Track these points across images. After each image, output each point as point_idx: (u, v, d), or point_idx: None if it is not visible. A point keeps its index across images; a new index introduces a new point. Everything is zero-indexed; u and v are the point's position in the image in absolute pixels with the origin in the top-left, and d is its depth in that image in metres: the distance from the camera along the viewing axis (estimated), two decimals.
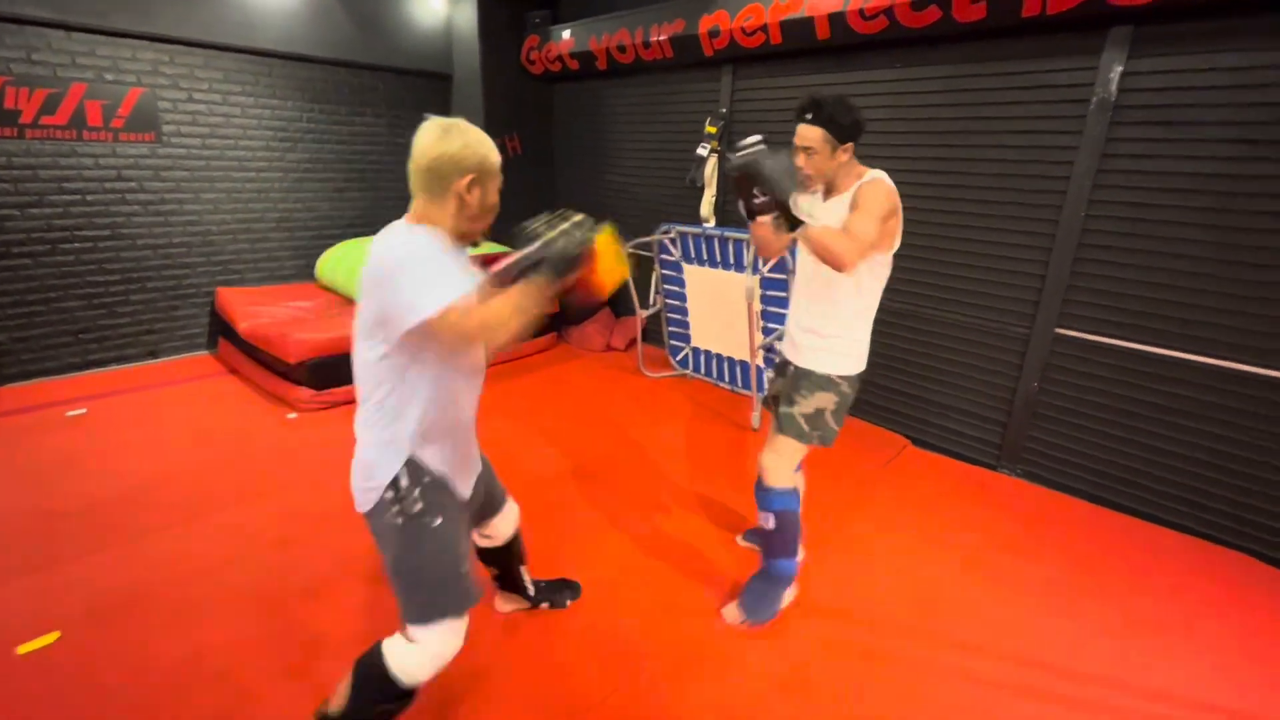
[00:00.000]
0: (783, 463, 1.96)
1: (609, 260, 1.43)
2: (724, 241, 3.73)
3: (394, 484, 1.34)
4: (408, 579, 1.38)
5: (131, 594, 2.07)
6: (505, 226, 1.52)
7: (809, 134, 1.75)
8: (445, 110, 5.33)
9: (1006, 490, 3.01)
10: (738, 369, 4.04)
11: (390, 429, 1.34)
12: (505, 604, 2.07)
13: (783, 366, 2.10)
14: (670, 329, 4.40)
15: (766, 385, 2.99)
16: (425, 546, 1.36)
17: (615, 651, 1.92)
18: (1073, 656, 1.98)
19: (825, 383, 1.91)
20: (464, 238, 1.38)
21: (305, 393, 3.53)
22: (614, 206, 5.17)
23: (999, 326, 3.11)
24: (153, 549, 2.29)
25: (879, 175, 1.81)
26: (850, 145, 1.78)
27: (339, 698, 1.41)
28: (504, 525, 1.80)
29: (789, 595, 2.11)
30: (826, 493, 2.84)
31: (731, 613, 2.05)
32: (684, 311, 4.25)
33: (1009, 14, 2.64)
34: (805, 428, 1.92)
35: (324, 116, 4.66)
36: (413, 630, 1.37)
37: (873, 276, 1.89)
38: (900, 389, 3.55)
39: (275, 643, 1.90)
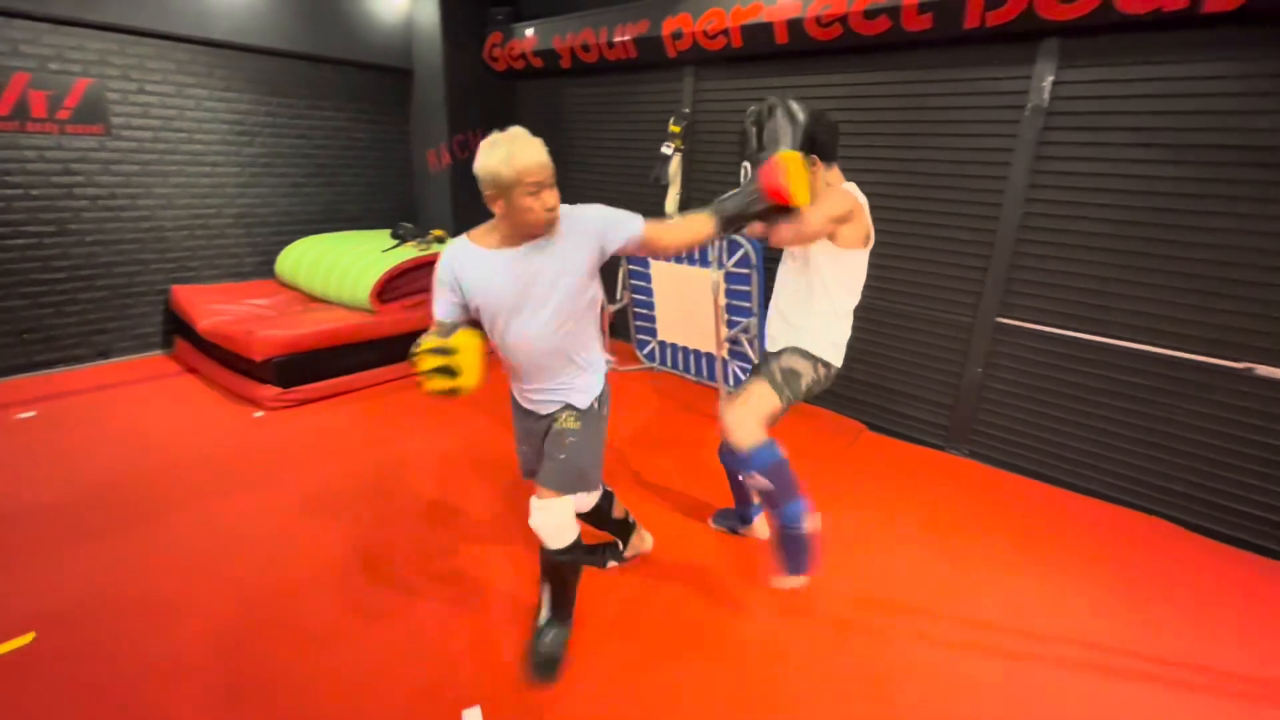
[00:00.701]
0: (748, 414, 1.95)
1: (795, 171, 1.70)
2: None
3: None
4: None
5: (104, 593, 2.05)
6: (474, 221, 1.75)
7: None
8: (405, 105, 5.30)
9: (955, 469, 3.23)
10: (704, 361, 4.18)
11: None
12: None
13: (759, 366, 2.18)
14: (637, 323, 4.50)
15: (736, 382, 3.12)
16: None
17: (591, 638, 2.02)
18: (1017, 616, 2.17)
19: (804, 354, 2.02)
20: (524, 238, 1.60)
21: (271, 391, 3.49)
22: (578, 202, 5.22)
23: (945, 316, 3.32)
24: (123, 547, 2.26)
25: (846, 187, 1.99)
26: (815, 158, 1.94)
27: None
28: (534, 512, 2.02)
29: (812, 526, 2.02)
30: None
31: (782, 581, 2.02)
32: (650, 306, 4.36)
33: (952, 25, 2.84)
34: (779, 378, 2.00)
35: (282, 110, 4.58)
36: None
37: (840, 284, 2.03)
38: (857, 377, 3.74)
39: (256, 637, 1.92)
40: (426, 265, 4.29)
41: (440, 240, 4.54)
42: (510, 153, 1.48)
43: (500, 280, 1.60)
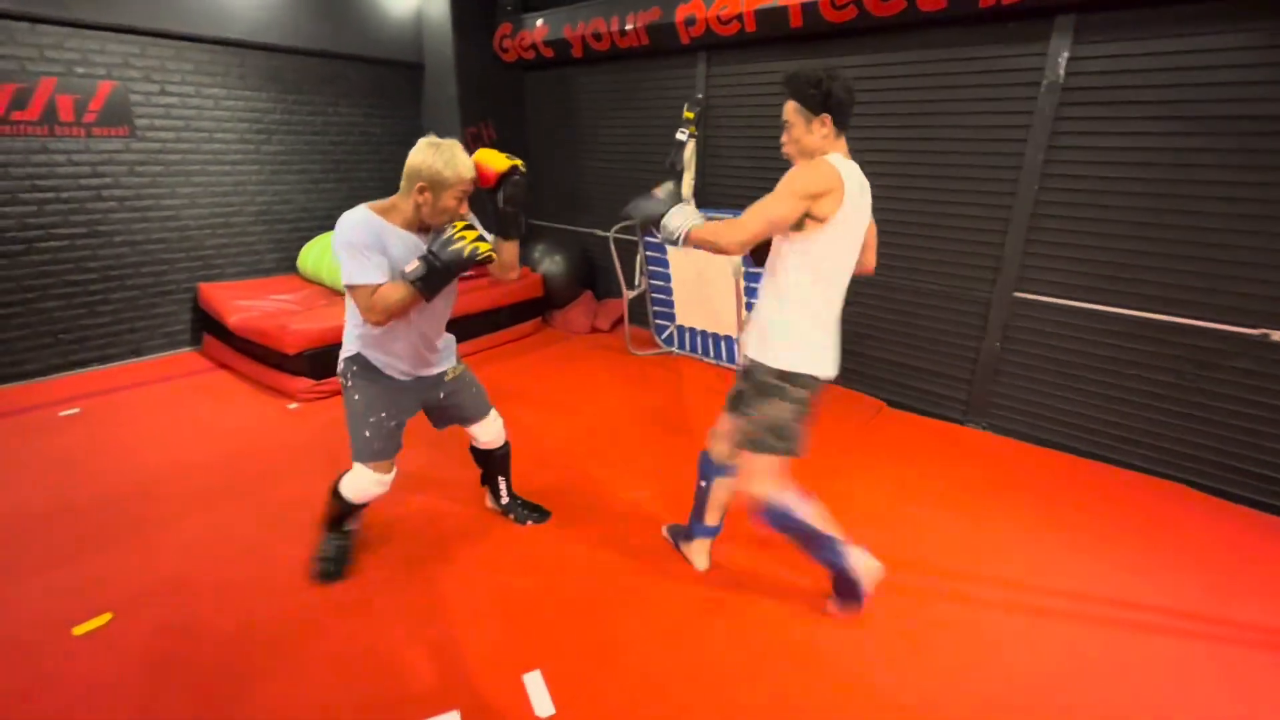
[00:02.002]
0: (756, 481, 1.88)
1: (488, 159, 1.85)
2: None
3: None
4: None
5: (171, 576, 2.15)
6: (485, 213, 1.93)
7: (785, 108, 1.73)
8: (417, 99, 5.34)
9: (975, 442, 3.31)
10: (722, 344, 4.25)
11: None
12: (487, 501, 2.58)
13: (745, 372, 1.94)
14: (655, 309, 4.57)
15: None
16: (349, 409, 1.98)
17: (628, 603, 2.11)
18: (1043, 576, 2.26)
19: (772, 388, 1.79)
20: (425, 228, 1.85)
21: (304, 383, 3.58)
22: (592, 192, 5.29)
23: (963, 292, 3.39)
24: (184, 534, 2.36)
25: (825, 158, 1.68)
26: (827, 118, 1.67)
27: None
28: (483, 433, 2.32)
29: (867, 573, 1.93)
30: (811, 454, 3.07)
31: (831, 607, 2.05)
32: (668, 291, 4.43)
33: (968, 4, 2.88)
34: (767, 440, 1.81)
35: (298, 107, 4.63)
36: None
37: (800, 268, 1.72)
38: (875, 355, 3.81)
39: (320, 614, 2.02)
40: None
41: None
42: (453, 159, 1.73)
43: (413, 257, 1.79)
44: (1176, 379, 2.85)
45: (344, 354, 1.98)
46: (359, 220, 1.75)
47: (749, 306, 3.86)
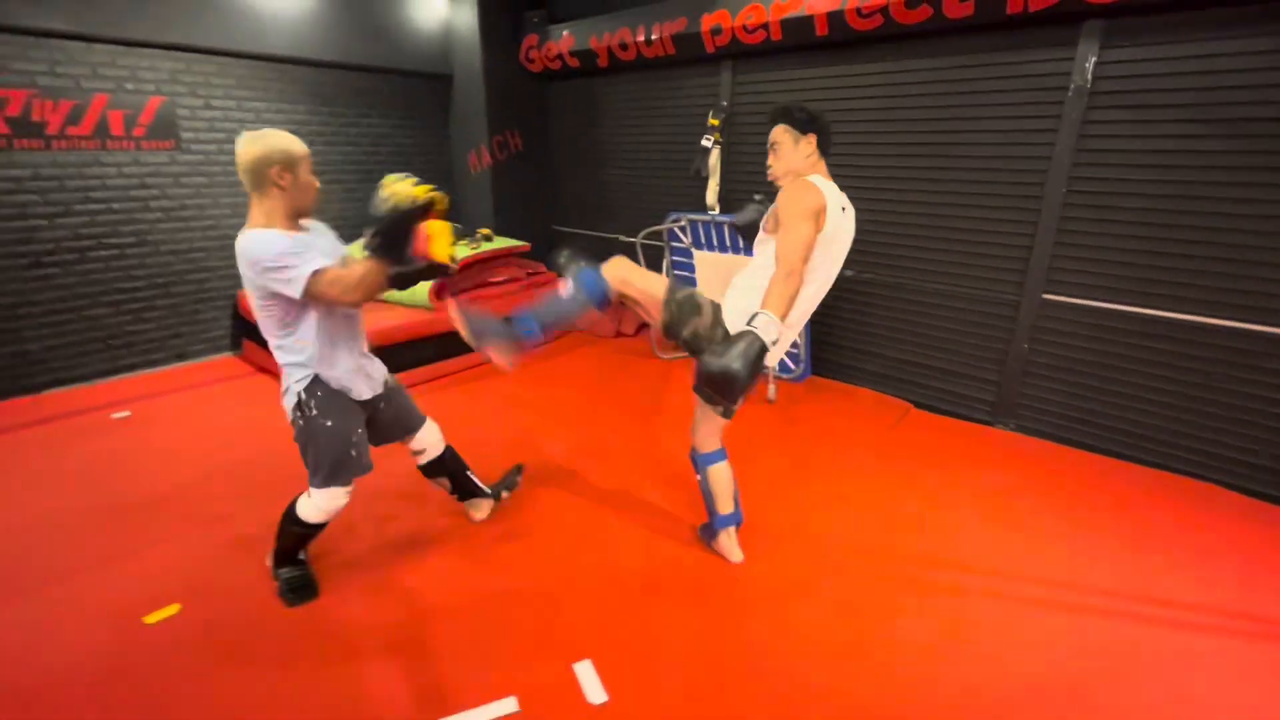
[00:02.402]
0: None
1: (437, 234, 1.85)
2: (733, 228, 3.97)
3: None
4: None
5: (231, 569, 2.24)
6: (514, 218, 1.87)
7: (773, 132, 1.96)
8: (445, 110, 5.47)
9: (1004, 442, 3.33)
10: None
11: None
12: (477, 513, 2.53)
13: None
14: None
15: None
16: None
17: (659, 591, 2.17)
18: (1076, 572, 2.29)
19: (717, 315, 1.97)
20: (296, 215, 1.81)
21: None
22: (615, 198, 5.38)
23: (990, 295, 3.42)
24: (245, 529, 2.45)
25: (809, 179, 1.85)
26: (813, 138, 1.91)
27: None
28: (428, 436, 2.31)
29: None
30: (841, 455, 3.15)
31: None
32: None
33: (994, 10, 2.93)
34: (676, 295, 1.99)
35: (333, 119, 4.77)
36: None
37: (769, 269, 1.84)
38: (902, 358, 3.85)
39: (380, 602, 2.10)
40: (480, 263, 4.48)
41: (488, 238, 4.71)
42: (286, 135, 1.74)
43: (317, 248, 1.79)
44: (1205, 379, 2.86)
45: (296, 385, 1.88)
46: (267, 236, 1.68)
47: None
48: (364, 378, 2.03)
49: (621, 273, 2.02)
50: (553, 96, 5.63)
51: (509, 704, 1.71)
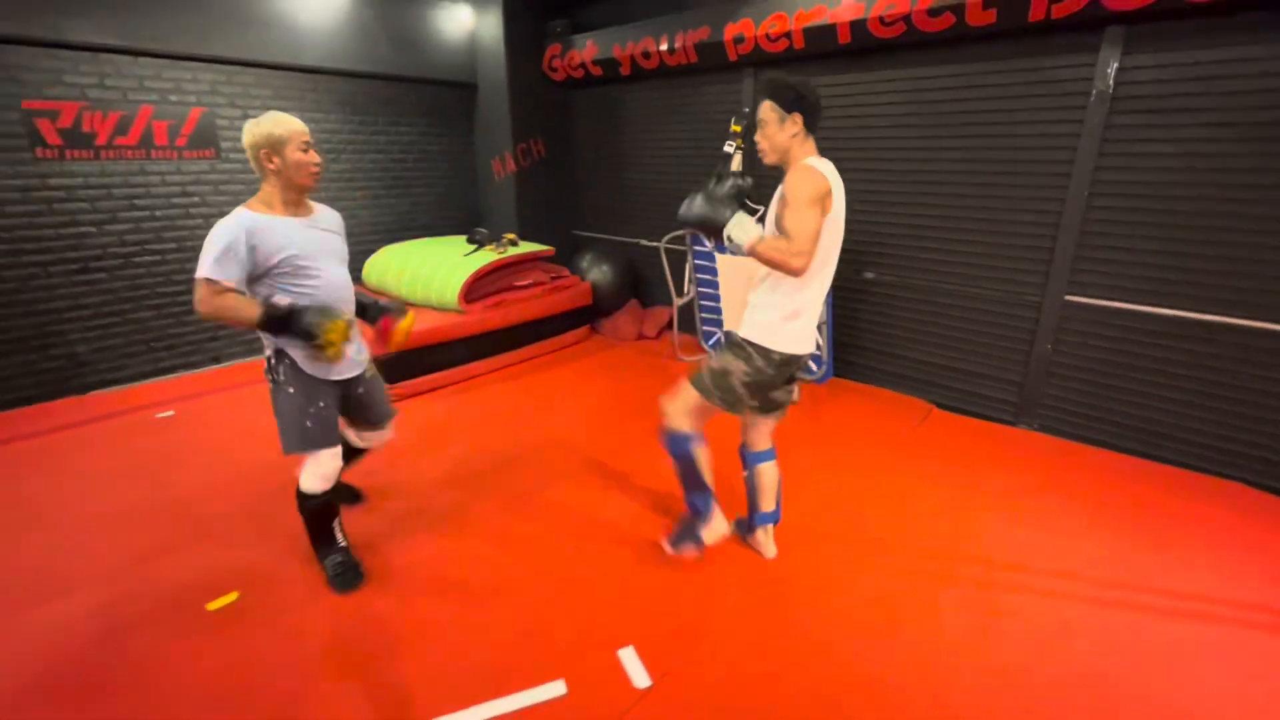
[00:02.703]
0: (675, 406, 2.09)
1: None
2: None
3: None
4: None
5: (283, 559, 2.34)
6: (537, 224, 1.99)
7: (760, 108, 1.90)
8: (470, 118, 5.59)
9: (1027, 442, 3.38)
10: None
11: None
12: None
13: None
14: (703, 315, 4.72)
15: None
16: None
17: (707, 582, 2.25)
18: (1101, 567, 2.34)
19: (736, 345, 2.01)
20: (298, 202, 1.95)
21: None
22: (637, 204, 5.47)
23: (1012, 296, 3.47)
24: (289, 523, 2.55)
25: (809, 162, 1.85)
26: (798, 117, 1.84)
27: None
28: (377, 440, 2.41)
29: (713, 529, 2.27)
30: (865, 454, 3.21)
31: (665, 544, 2.36)
32: (716, 299, 4.57)
33: (1016, 18, 2.99)
34: (708, 382, 2.01)
35: (363, 128, 4.91)
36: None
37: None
38: (924, 359, 3.90)
39: (426, 589, 2.19)
40: (505, 267, 4.58)
41: (514, 243, 4.81)
42: (276, 119, 1.86)
43: (301, 237, 1.91)
44: (1228, 378, 2.90)
45: (268, 350, 2.02)
46: (225, 224, 1.82)
47: None
48: (342, 364, 2.07)
49: (676, 412, 2.10)
50: (575, 104, 5.74)
51: (558, 687, 1.79)
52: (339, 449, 2.13)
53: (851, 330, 4.18)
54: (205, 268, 1.78)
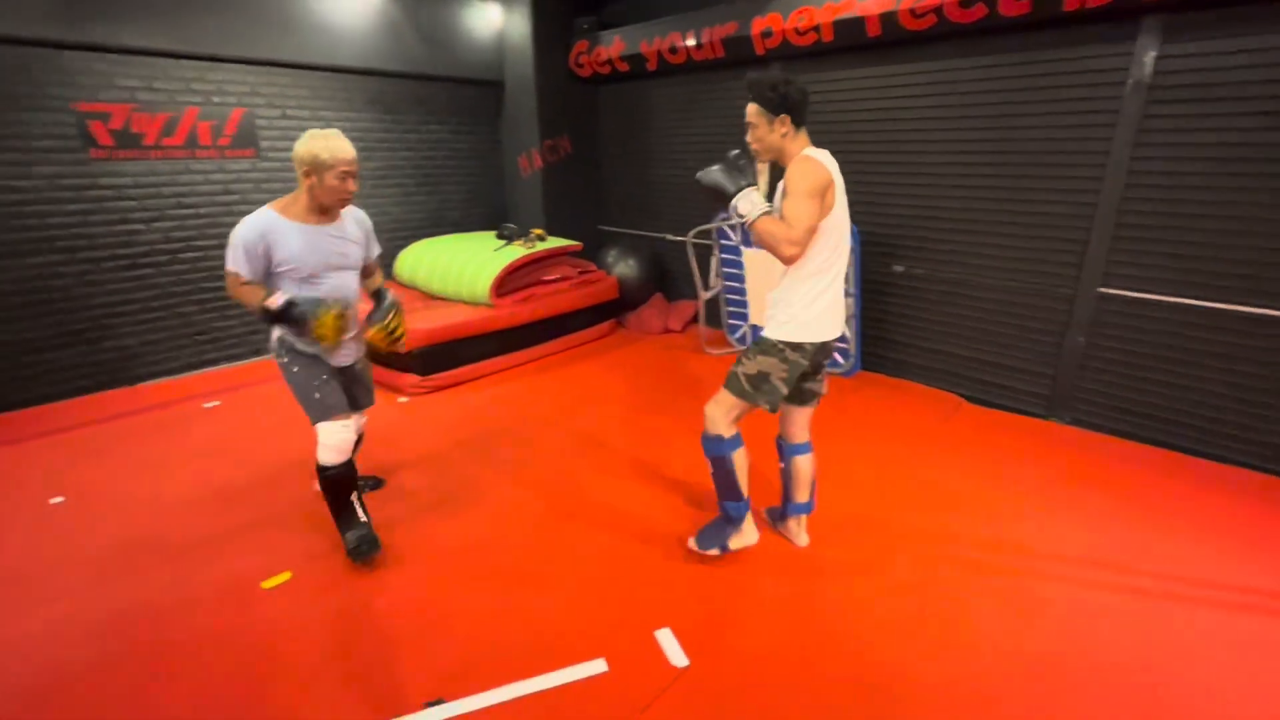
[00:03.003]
0: (718, 411, 2.11)
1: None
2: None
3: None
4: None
5: (332, 541, 2.43)
6: (563, 219, 2.05)
7: (748, 109, 1.95)
8: (498, 115, 5.68)
9: (1060, 435, 3.36)
10: None
11: None
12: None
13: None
14: (729, 309, 4.75)
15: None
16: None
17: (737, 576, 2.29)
18: (1139, 558, 2.33)
19: (769, 347, 2.04)
20: (323, 211, 2.10)
21: (412, 378, 3.90)
22: (662, 198, 5.51)
23: (1045, 289, 3.44)
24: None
25: (808, 154, 1.89)
26: (786, 118, 1.89)
27: None
28: (358, 423, 2.52)
29: (743, 537, 2.28)
30: (895, 446, 3.22)
31: (691, 542, 2.35)
32: (742, 292, 4.60)
33: (1051, 7, 2.97)
34: (746, 386, 2.05)
35: (395, 126, 5.02)
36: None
37: (816, 252, 1.93)
38: (954, 352, 3.89)
39: (466, 573, 2.27)
40: (534, 262, 4.65)
41: (541, 239, 4.89)
42: (329, 143, 1.97)
43: (310, 249, 2.06)
44: (1266, 370, 2.85)
45: (274, 332, 2.22)
46: (248, 223, 2.00)
47: None
48: (337, 354, 2.26)
49: (710, 415, 2.14)
50: (601, 100, 5.79)
51: (599, 664, 1.85)
52: (350, 420, 2.28)
53: (880, 323, 4.18)
54: (229, 261, 2.01)
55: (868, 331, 4.21)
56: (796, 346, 2.02)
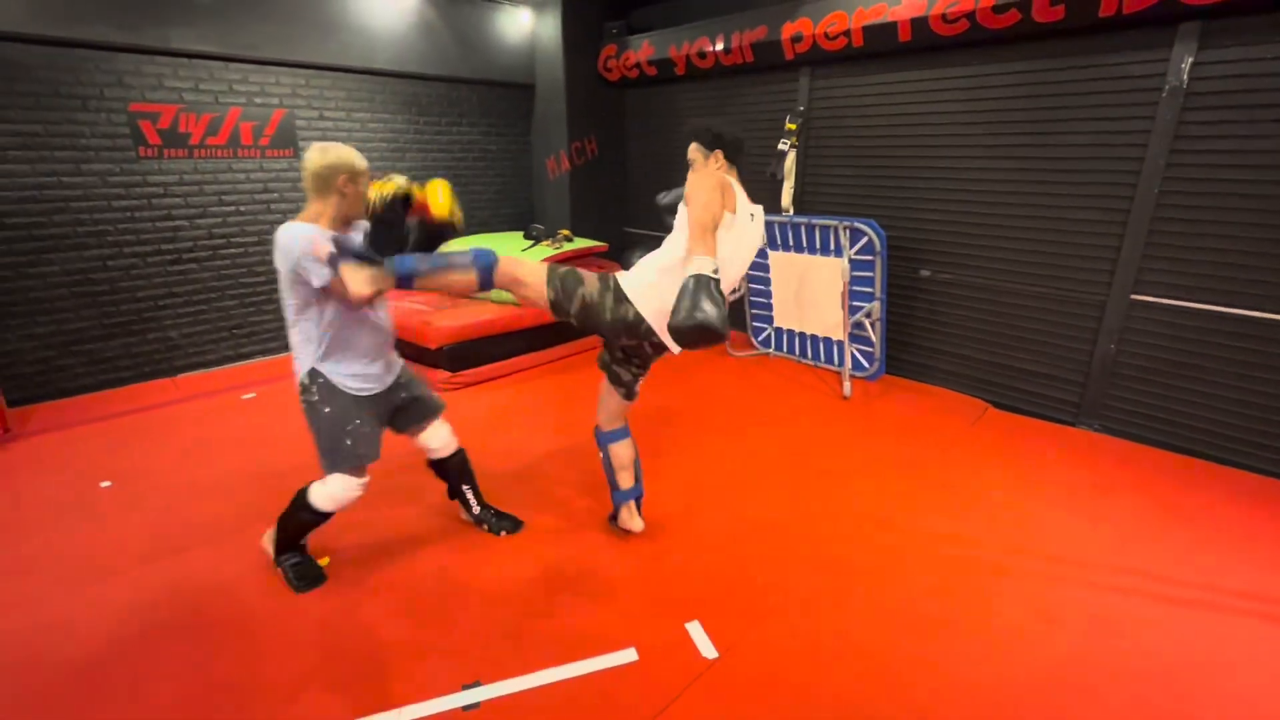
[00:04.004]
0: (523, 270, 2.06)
1: (432, 195, 1.96)
2: (810, 228, 4.09)
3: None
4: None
5: (367, 529, 2.51)
6: (589, 220, 2.04)
7: (689, 148, 2.18)
8: (527, 118, 5.77)
9: (1088, 442, 3.34)
10: (819, 345, 4.40)
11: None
12: (461, 513, 2.58)
13: None
14: (753, 311, 4.78)
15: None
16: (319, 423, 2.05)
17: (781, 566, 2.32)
18: (1168, 566, 2.32)
19: (611, 283, 2.05)
20: (347, 224, 1.98)
21: (442, 374, 3.98)
22: None
23: (1076, 295, 3.43)
24: (366, 496, 2.73)
25: (708, 169, 2.07)
26: (719, 153, 2.11)
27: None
28: (435, 437, 2.37)
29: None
30: (921, 450, 3.23)
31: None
32: (768, 295, 4.62)
33: (1086, 14, 2.96)
34: (559, 271, 2.04)
35: (427, 128, 5.12)
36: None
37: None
38: (980, 357, 3.88)
39: (499, 560, 2.33)
40: (562, 262, 4.71)
41: (568, 239, 4.95)
42: (353, 153, 1.92)
43: None
44: None
45: (303, 369, 2.01)
46: (303, 230, 1.82)
47: (853, 311, 4.01)
48: (382, 363, 2.11)
49: (511, 260, 2.04)
50: (628, 103, 5.86)
51: (629, 654, 1.89)
52: (366, 480, 2.13)
53: (905, 327, 4.18)
54: (324, 276, 1.79)
55: (892, 335, 4.21)
56: (618, 295, 2.00)
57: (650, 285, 1.99)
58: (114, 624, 2.02)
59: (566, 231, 5.04)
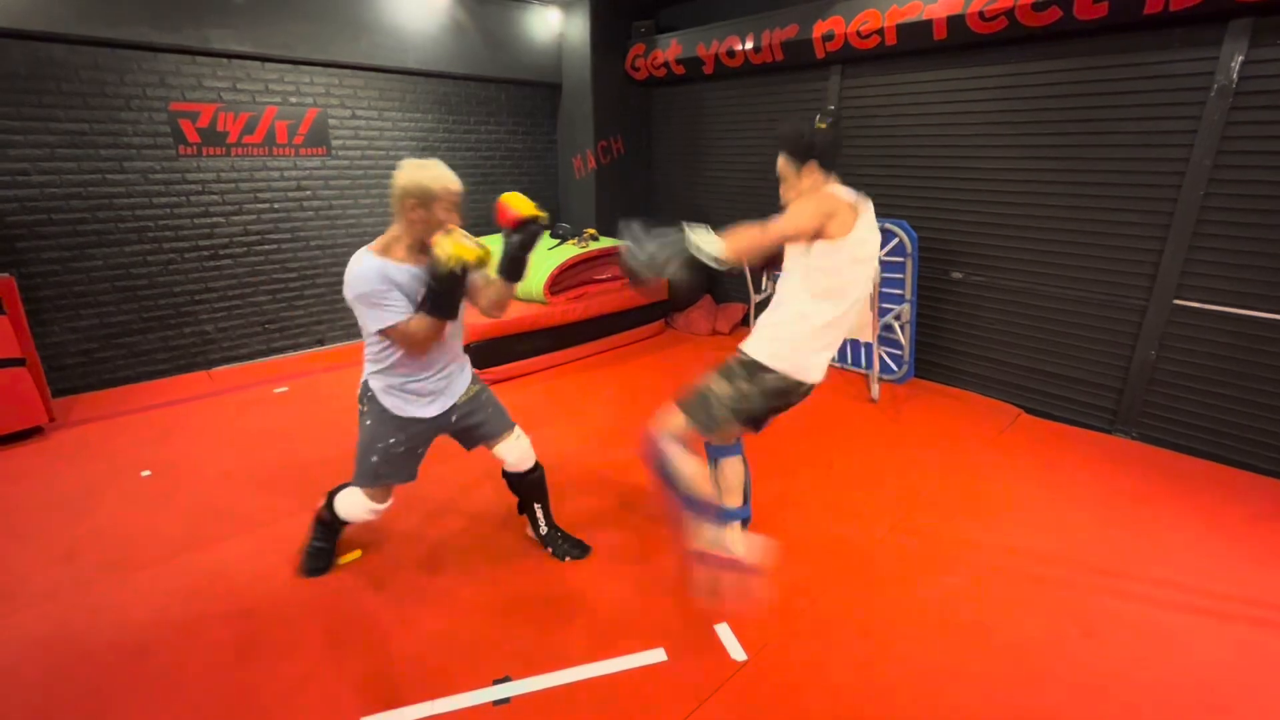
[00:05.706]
0: (660, 426, 2.03)
1: (514, 201, 1.90)
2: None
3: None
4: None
5: (400, 521, 2.54)
6: (615, 220, 1.97)
7: (778, 164, 1.92)
8: (554, 117, 5.79)
9: (1124, 450, 3.25)
10: (847, 347, 4.35)
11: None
12: (527, 530, 2.48)
13: None
14: None
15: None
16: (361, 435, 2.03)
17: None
18: (1210, 578, 2.25)
19: (732, 366, 1.97)
20: (422, 250, 1.82)
21: None
22: (714, 200, 5.53)
23: (1114, 300, 3.34)
24: (409, 490, 2.76)
25: (820, 191, 1.85)
26: (813, 165, 1.84)
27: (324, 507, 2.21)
28: (509, 453, 2.22)
29: (731, 546, 2.02)
30: (951, 455, 3.18)
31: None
32: None
33: (1130, 11, 2.89)
34: (691, 401, 2.00)
35: (456, 126, 5.17)
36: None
37: (803, 284, 1.87)
38: (1013, 362, 3.80)
39: (529, 559, 2.34)
40: (587, 261, 4.73)
41: (595, 238, 4.96)
42: (438, 175, 1.78)
43: (413, 292, 1.81)
44: None
45: (362, 378, 2.02)
46: (364, 271, 1.75)
47: (882, 313, 3.96)
48: (430, 400, 2.01)
49: (660, 422, 2.01)
50: (655, 103, 5.85)
51: (658, 654, 1.89)
52: (382, 507, 2.12)
53: (935, 330, 4.11)
54: (379, 321, 1.76)
55: (921, 338, 4.15)
56: (761, 370, 1.91)
57: (778, 342, 1.90)
58: (154, 610, 2.08)
59: (592, 231, 5.05)
